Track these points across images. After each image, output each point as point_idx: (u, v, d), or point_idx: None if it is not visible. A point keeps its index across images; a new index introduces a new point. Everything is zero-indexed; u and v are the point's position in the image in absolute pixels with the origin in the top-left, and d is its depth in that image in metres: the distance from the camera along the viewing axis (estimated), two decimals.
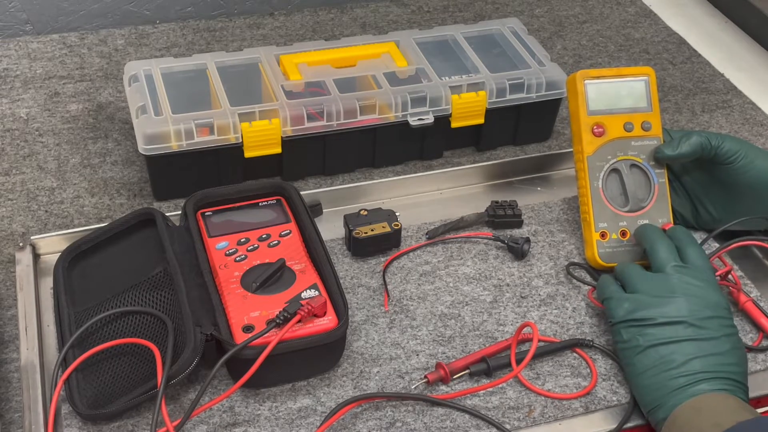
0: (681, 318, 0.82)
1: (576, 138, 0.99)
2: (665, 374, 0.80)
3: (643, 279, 0.87)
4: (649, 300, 0.84)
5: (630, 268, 0.89)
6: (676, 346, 0.81)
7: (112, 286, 0.90)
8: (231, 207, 0.96)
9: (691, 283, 0.84)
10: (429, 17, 1.43)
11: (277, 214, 0.95)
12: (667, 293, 0.84)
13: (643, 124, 0.98)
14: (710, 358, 0.80)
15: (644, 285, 0.86)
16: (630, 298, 0.86)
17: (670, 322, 0.82)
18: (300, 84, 1.09)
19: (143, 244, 0.93)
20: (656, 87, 1.00)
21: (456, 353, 0.89)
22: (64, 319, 0.87)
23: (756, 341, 0.92)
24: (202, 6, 1.40)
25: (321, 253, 0.89)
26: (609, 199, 0.97)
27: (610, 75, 1.00)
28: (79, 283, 0.92)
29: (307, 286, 0.87)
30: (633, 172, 0.98)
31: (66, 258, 0.93)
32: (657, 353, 0.81)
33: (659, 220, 0.97)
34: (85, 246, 0.94)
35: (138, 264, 0.91)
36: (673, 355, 0.81)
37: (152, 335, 0.84)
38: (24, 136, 1.15)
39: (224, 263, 0.89)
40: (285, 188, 0.97)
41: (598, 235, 0.96)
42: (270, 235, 0.92)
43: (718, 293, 0.84)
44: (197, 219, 0.94)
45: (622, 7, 1.49)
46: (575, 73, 1.00)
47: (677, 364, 0.80)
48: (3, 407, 0.84)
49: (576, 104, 0.99)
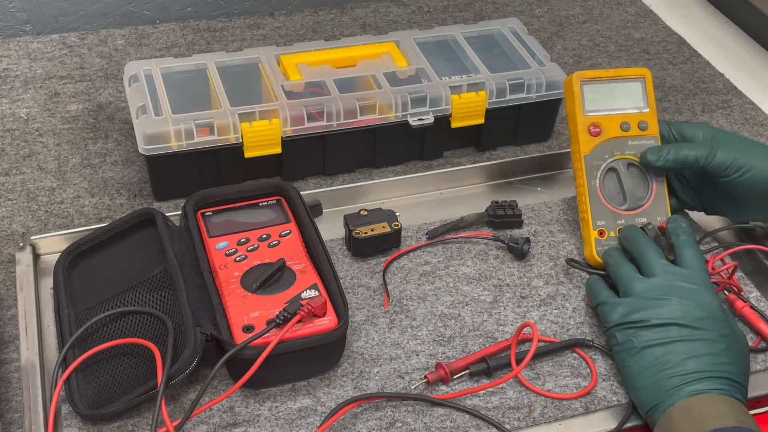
0: (674, 320, 0.82)
1: (573, 138, 1.00)
2: (660, 374, 0.80)
3: (635, 282, 0.87)
4: (642, 303, 0.84)
5: (622, 271, 0.89)
6: (670, 346, 0.81)
7: (112, 286, 0.89)
8: (231, 207, 0.95)
9: (684, 285, 0.84)
10: (429, 17, 1.43)
11: (277, 214, 0.95)
12: (660, 295, 0.84)
13: (640, 123, 0.99)
14: (705, 358, 0.80)
15: (637, 288, 0.86)
16: (623, 302, 0.86)
17: (664, 324, 0.82)
18: (300, 84, 1.09)
19: (143, 244, 0.93)
20: (652, 88, 1.00)
21: (456, 353, 0.89)
22: (64, 319, 0.87)
23: (755, 343, 0.91)
24: (202, 6, 1.40)
25: (321, 253, 0.89)
26: (607, 198, 0.97)
27: (607, 76, 1.00)
28: (79, 283, 0.92)
29: (307, 286, 0.86)
30: (630, 171, 0.98)
31: (66, 258, 0.93)
32: (652, 354, 0.82)
33: (657, 218, 0.97)
34: (86, 246, 0.94)
35: (138, 264, 0.91)
36: (668, 355, 0.81)
37: (152, 335, 0.84)
38: (24, 136, 1.15)
39: (224, 263, 0.89)
40: (285, 188, 0.97)
41: (597, 233, 0.96)
42: (270, 235, 0.92)
43: (711, 294, 0.84)
44: (197, 219, 0.94)
45: (622, 7, 1.49)
46: (571, 74, 1.00)
47: (672, 364, 0.80)
48: (3, 407, 0.84)
49: (572, 105, 0.99)
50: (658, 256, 0.88)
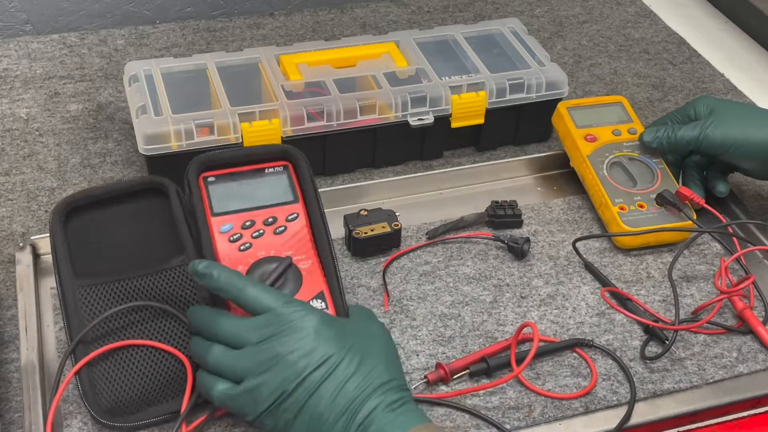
0: (287, 377, 0.73)
1: (572, 151, 1.07)
2: (329, 417, 0.73)
3: (235, 361, 0.75)
4: (257, 380, 0.74)
5: (214, 356, 0.76)
6: (308, 393, 0.73)
7: (122, 263, 0.84)
8: (236, 171, 0.89)
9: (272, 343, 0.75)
10: (429, 17, 1.43)
11: (284, 187, 0.89)
12: (256, 366, 0.74)
13: (629, 129, 1.08)
14: (348, 384, 0.73)
15: (241, 364, 0.75)
16: (246, 390, 0.74)
17: (281, 387, 0.73)
18: (300, 84, 1.09)
19: (153, 219, 0.87)
20: (632, 108, 1.10)
21: (456, 353, 0.89)
22: (68, 293, 0.82)
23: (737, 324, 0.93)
24: (202, 6, 1.40)
25: (327, 248, 0.85)
26: (618, 183, 1.03)
27: (588, 103, 1.11)
28: (80, 248, 0.84)
29: (313, 295, 0.83)
30: (633, 162, 1.05)
31: (61, 212, 0.84)
32: (304, 410, 0.73)
33: (671, 191, 1.01)
34: (83, 202, 0.85)
35: (149, 244, 0.85)
36: (315, 400, 0.73)
37: (170, 336, 0.82)
38: (24, 136, 1.15)
39: (228, 253, 0.84)
40: (293, 154, 0.90)
41: (618, 209, 1.00)
42: (276, 218, 0.86)
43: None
44: (200, 189, 0.87)
45: (622, 7, 1.49)
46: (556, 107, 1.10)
47: (327, 403, 0.72)
48: (3, 407, 0.84)
49: (564, 125, 1.08)
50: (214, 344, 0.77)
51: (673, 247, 1.01)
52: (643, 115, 1.24)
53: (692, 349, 0.90)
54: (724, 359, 0.90)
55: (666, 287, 0.97)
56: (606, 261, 1.00)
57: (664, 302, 0.95)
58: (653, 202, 1.01)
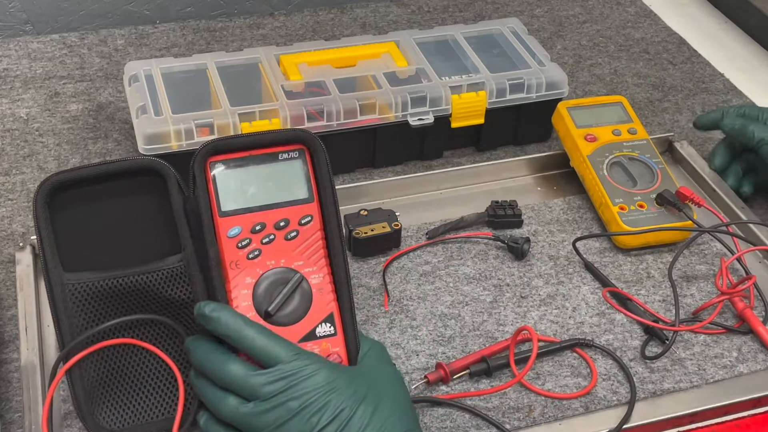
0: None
1: (572, 151, 1.07)
2: None
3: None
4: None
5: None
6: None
7: (113, 255, 0.77)
8: (246, 155, 0.78)
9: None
10: (429, 17, 1.43)
11: (299, 180, 0.79)
12: (274, 420, 0.72)
13: (629, 129, 1.08)
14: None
15: (258, 422, 0.72)
16: None
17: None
18: (300, 84, 1.09)
19: (149, 209, 0.79)
20: (632, 108, 1.11)
21: (456, 353, 0.89)
22: (56, 287, 0.76)
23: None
24: (202, 6, 1.40)
25: (340, 258, 0.79)
26: (618, 183, 1.03)
27: (588, 103, 1.11)
28: (68, 237, 0.77)
29: (322, 318, 0.78)
30: (633, 162, 1.05)
31: (47, 192, 0.75)
32: None
33: (671, 191, 1.01)
34: (70, 183, 0.76)
35: (144, 236, 0.79)
36: None
37: (165, 343, 0.80)
38: (24, 136, 1.15)
39: (235, 260, 0.76)
40: (309, 140, 0.79)
41: (618, 208, 1.00)
42: (288, 221, 0.78)
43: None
44: (207, 179, 0.77)
45: (622, 7, 1.49)
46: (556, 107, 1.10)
47: None
48: (3, 407, 0.84)
49: (564, 125, 1.08)
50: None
51: (673, 247, 1.01)
52: (643, 115, 1.24)
53: (692, 349, 0.90)
54: (724, 359, 0.90)
55: (666, 287, 0.97)
56: (606, 261, 1.00)
57: (664, 302, 0.95)
58: (653, 202, 1.01)
